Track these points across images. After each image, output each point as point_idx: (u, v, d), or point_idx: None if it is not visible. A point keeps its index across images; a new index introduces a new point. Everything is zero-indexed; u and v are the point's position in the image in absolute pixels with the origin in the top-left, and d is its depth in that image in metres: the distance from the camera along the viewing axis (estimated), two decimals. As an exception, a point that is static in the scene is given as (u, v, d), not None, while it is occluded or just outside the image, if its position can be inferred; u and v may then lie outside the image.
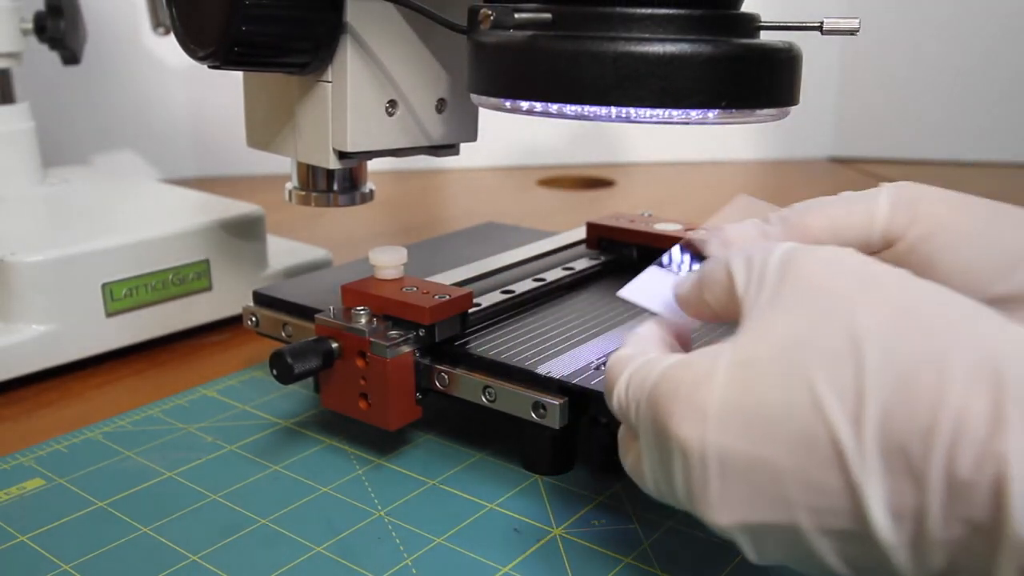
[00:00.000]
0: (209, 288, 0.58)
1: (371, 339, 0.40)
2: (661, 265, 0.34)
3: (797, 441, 0.24)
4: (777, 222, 0.32)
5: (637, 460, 0.30)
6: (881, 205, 0.31)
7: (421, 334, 0.41)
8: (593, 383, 0.37)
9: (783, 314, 0.26)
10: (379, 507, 0.39)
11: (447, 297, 0.41)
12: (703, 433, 0.25)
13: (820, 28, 0.36)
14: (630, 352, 0.30)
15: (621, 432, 0.31)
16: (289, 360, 0.39)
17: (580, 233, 0.57)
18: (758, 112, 0.35)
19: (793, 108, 0.37)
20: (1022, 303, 0.28)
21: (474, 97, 0.38)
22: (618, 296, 0.34)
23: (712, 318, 0.30)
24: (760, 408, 0.25)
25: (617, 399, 0.30)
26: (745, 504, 0.25)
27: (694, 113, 0.34)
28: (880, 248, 0.32)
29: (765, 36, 0.37)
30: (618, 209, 0.72)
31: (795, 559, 0.26)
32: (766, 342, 0.25)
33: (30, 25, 0.67)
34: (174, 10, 0.41)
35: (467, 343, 0.42)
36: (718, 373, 0.26)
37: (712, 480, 0.25)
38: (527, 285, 0.49)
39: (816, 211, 0.32)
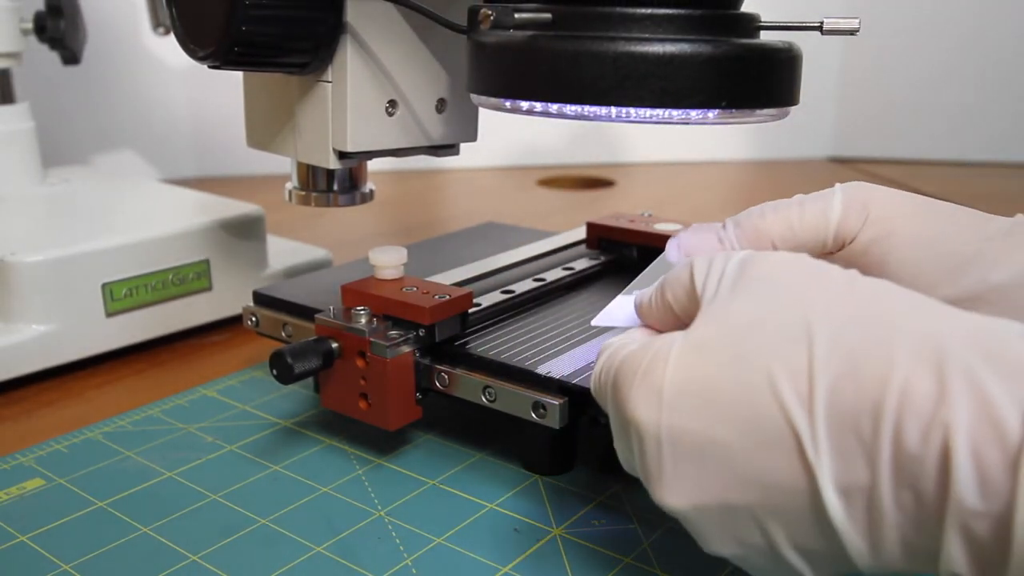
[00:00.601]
0: (209, 288, 0.58)
1: (371, 339, 0.40)
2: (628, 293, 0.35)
3: (749, 422, 0.24)
4: (732, 226, 0.34)
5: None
6: (835, 207, 0.33)
7: (421, 334, 0.41)
8: (593, 383, 0.37)
9: (737, 303, 0.26)
10: (379, 507, 0.39)
11: (447, 297, 0.41)
12: (656, 415, 0.26)
13: (820, 28, 0.36)
14: (614, 339, 0.31)
15: None
16: (289, 360, 0.39)
17: (580, 233, 0.57)
18: (758, 112, 0.35)
19: (793, 108, 0.37)
20: (969, 305, 0.29)
21: (474, 97, 0.38)
22: (592, 325, 0.35)
23: (674, 323, 0.30)
24: (712, 390, 0.25)
25: (594, 385, 0.31)
26: (697, 485, 0.26)
27: (694, 113, 0.34)
28: (834, 249, 0.33)
29: (765, 36, 0.37)
30: (618, 209, 0.72)
31: (748, 550, 0.26)
32: (719, 327, 0.26)
33: (30, 25, 0.67)
34: (174, 10, 0.41)
35: (467, 343, 0.42)
36: (671, 356, 0.26)
37: (665, 461, 0.26)
38: (527, 285, 0.49)
39: (771, 215, 0.33)
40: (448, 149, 0.48)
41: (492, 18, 0.34)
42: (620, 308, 0.34)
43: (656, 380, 0.26)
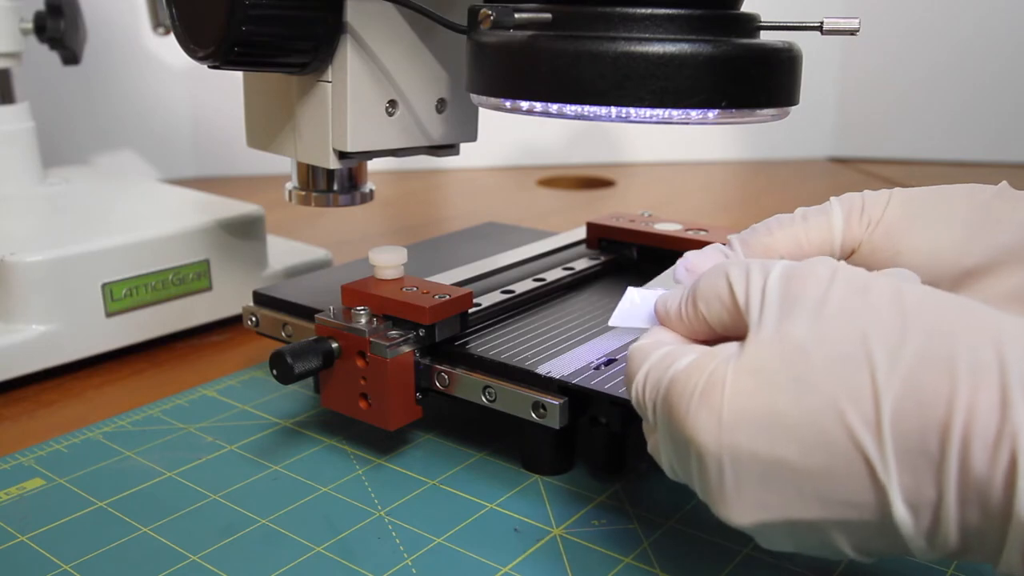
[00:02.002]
0: (209, 288, 0.58)
1: (371, 339, 0.40)
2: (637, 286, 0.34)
3: (814, 445, 0.24)
4: (738, 245, 0.33)
5: (656, 447, 0.30)
6: (836, 218, 0.33)
7: (421, 334, 0.41)
8: (593, 383, 0.37)
9: (787, 326, 0.26)
10: (379, 507, 0.39)
11: (447, 297, 0.41)
12: (717, 437, 0.26)
13: (820, 28, 0.36)
14: (648, 343, 0.30)
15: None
16: (289, 360, 0.39)
17: (580, 233, 0.57)
18: (758, 112, 0.35)
19: (793, 108, 0.37)
20: (992, 270, 0.30)
21: (474, 97, 0.38)
22: (610, 326, 0.34)
23: (707, 334, 0.30)
24: (774, 415, 0.25)
25: (635, 395, 0.30)
26: (761, 504, 0.26)
27: (694, 113, 0.34)
28: (842, 257, 0.33)
29: (765, 36, 0.37)
30: (618, 209, 0.72)
31: (806, 548, 0.27)
32: (773, 352, 0.26)
33: (30, 25, 0.67)
34: (174, 10, 0.41)
35: (467, 343, 0.42)
36: (728, 380, 0.26)
37: (728, 483, 0.26)
38: (527, 285, 0.49)
39: (778, 232, 0.33)
40: (448, 149, 0.48)
41: (492, 18, 0.34)
42: (635, 307, 0.33)
43: (715, 403, 0.26)
